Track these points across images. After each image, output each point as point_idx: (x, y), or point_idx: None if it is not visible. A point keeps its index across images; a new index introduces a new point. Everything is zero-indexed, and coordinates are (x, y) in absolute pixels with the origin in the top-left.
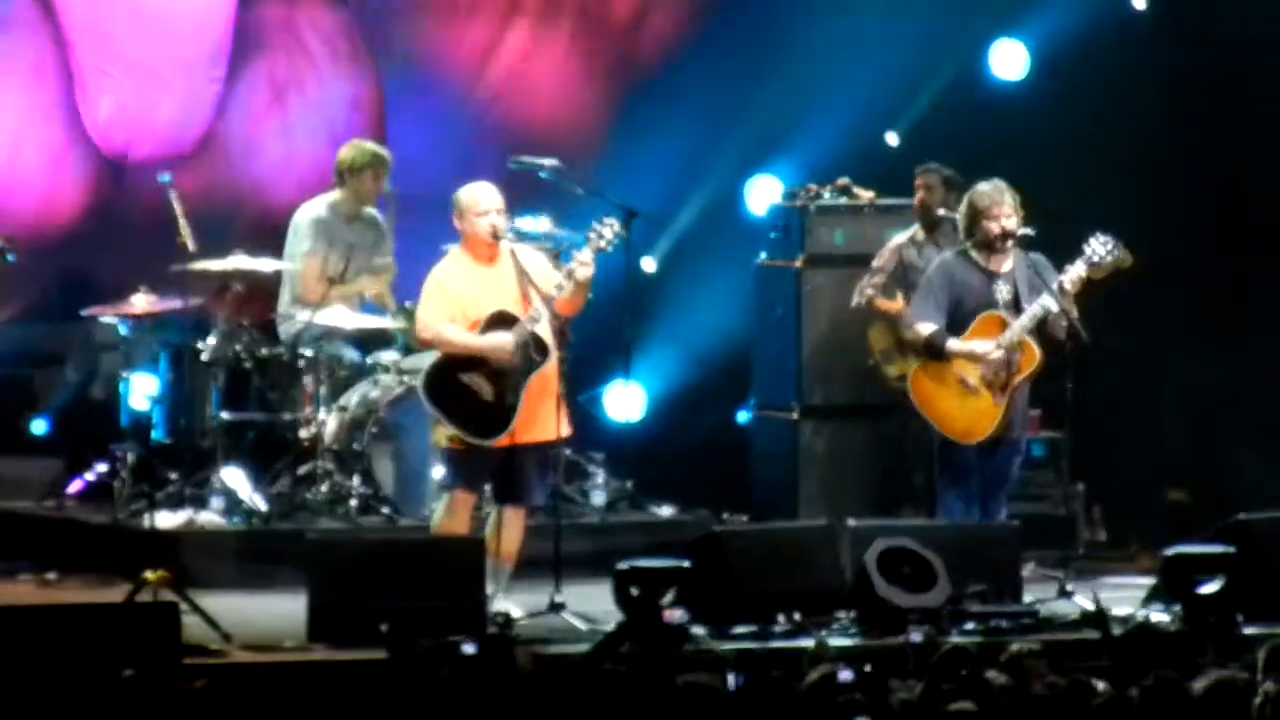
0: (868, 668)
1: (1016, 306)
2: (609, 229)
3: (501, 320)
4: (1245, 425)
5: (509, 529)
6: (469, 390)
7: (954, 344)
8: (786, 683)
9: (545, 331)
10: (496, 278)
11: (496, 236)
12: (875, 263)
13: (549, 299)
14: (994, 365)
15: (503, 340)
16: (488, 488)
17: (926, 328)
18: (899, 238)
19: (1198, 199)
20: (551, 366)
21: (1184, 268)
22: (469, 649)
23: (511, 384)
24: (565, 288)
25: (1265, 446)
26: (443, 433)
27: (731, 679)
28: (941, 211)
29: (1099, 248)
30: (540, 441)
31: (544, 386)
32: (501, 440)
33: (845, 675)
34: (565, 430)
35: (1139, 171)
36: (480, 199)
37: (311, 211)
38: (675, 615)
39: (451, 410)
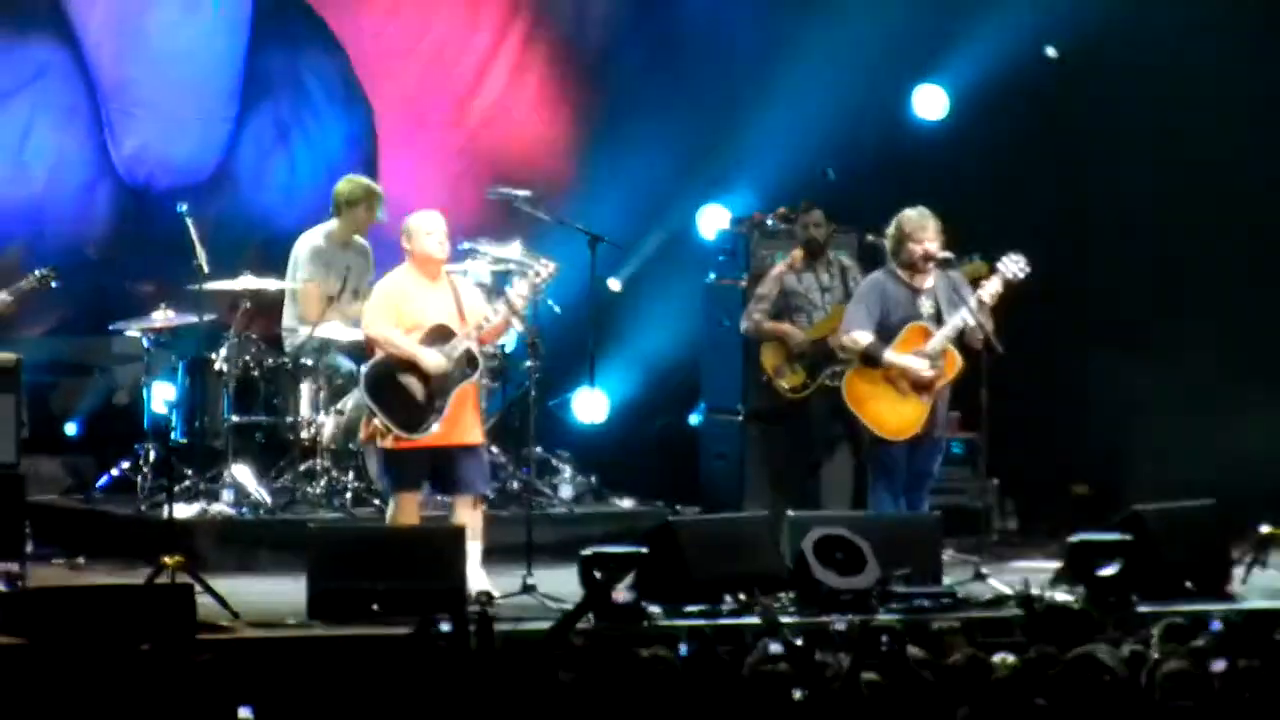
0: (799, 641)
1: (938, 319)
2: (545, 269)
3: (440, 333)
4: (1139, 427)
5: (460, 517)
6: (404, 390)
7: (890, 355)
8: (732, 657)
9: (474, 349)
10: (438, 294)
11: (442, 263)
12: (760, 290)
13: (479, 325)
14: (919, 373)
15: (438, 356)
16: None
17: (864, 337)
18: (779, 266)
19: (1095, 225)
20: (476, 381)
21: (1084, 286)
22: (445, 627)
23: (441, 390)
24: (497, 315)
25: (1156, 446)
26: (374, 427)
27: (684, 648)
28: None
29: (1011, 265)
30: (462, 444)
31: (467, 396)
32: (424, 440)
33: (775, 648)
34: (479, 437)
35: (1044, 198)
36: (429, 222)
37: (311, 240)
38: (623, 595)
39: (386, 405)
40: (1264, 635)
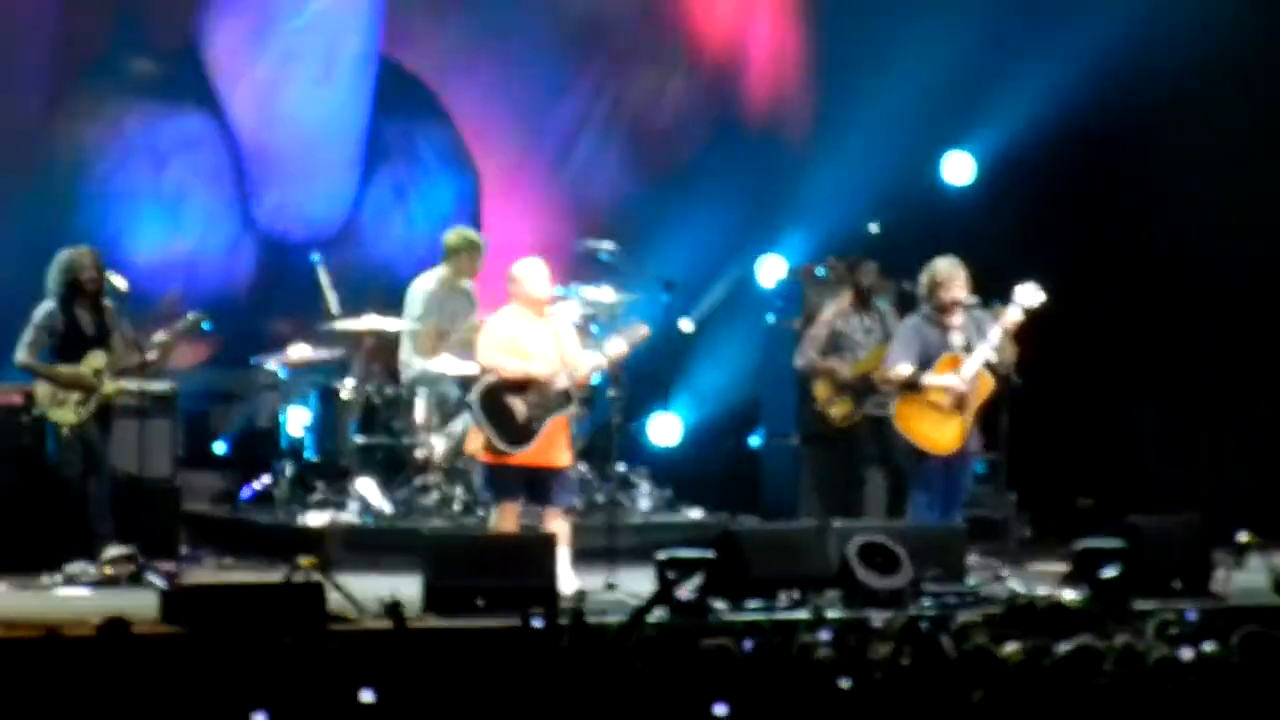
0: (850, 639)
1: (968, 351)
2: (638, 332)
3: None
4: (1137, 450)
5: (550, 526)
6: (509, 410)
7: (928, 379)
8: (786, 647)
9: (570, 388)
10: (542, 331)
11: (546, 306)
12: (812, 331)
13: (573, 369)
14: (958, 392)
15: (551, 372)
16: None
17: (906, 369)
18: (830, 310)
19: (1106, 272)
20: (569, 413)
21: (1088, 328)
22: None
23: (539, 414)
24: (588, 364)
25: (1151, 467)
26: (478, 440)
27: (747, 643)
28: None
29: (1025, 295)
30: (552, 466)
31: (560, 425)
32: (520, 458)
33: (824, 635)
34: (567, 460)
35: (1053, 250)
36: (533, 268)
37: (424, 284)
38: (685, 592)
39: (493, 421)
40: (1237, 626)
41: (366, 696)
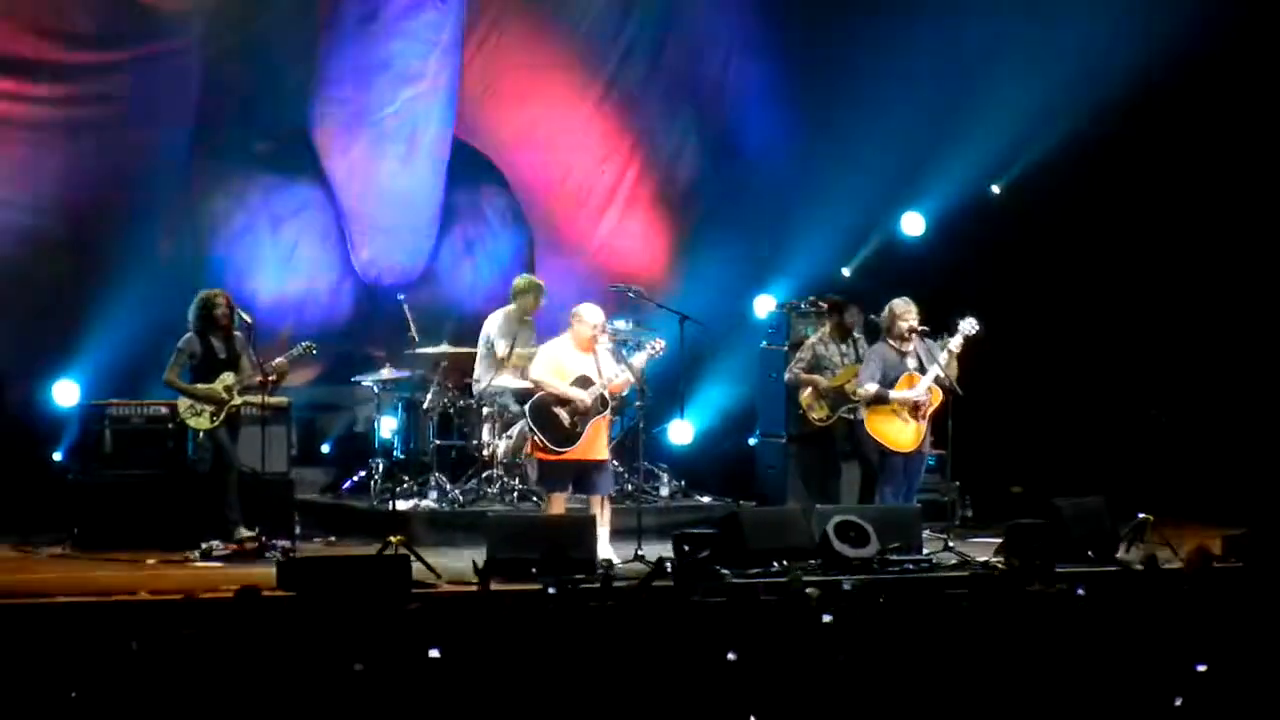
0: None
1: (922, 370)
2: (656, 345)
3: (584, 381)
4: (1056, 446)
5: (593, 510)
6: (556, 418)
7: (892, 394)
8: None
9: (606, 395)
10: (585, 359)
11: (595, 339)
12: (799, 354)
13: (609, 380)
14: (915, 402)
15: (582, 393)
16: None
17: (873, 386)
18: (814, 337)
19: (1029, 306)
20: (606, 416)
21: (1019, 348)
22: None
23: (581, 420)
24: (621, 375)
25: (1069, 461)
26: (533, 444)
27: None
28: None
29: (967, 325)
30: (594, 460)
31: (600, 426)
32: (568, 455)
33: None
34: (606, 455)
35: (989, 287)
36: (594, 315)
37: (495, 319)
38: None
39: (543, 428)
40: (1135, 584)
41: (433, 654)
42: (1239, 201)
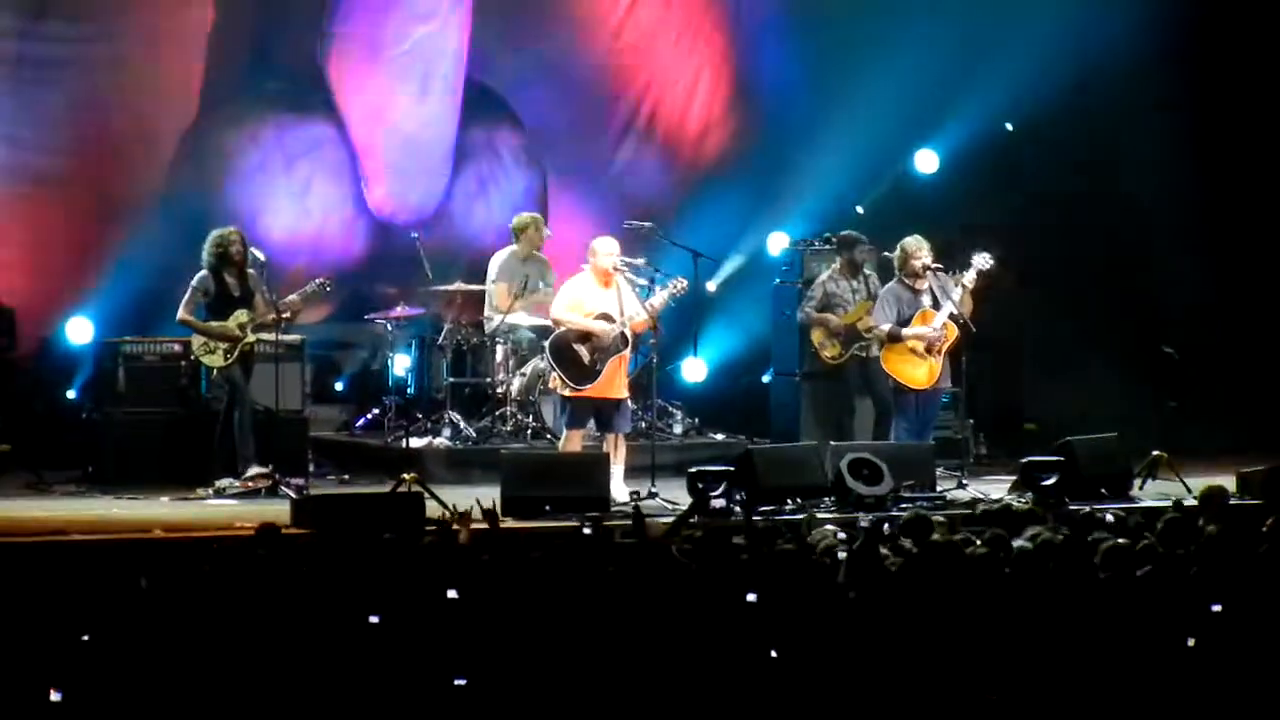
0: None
1: (936, 306)
2: (679, 284)
3: (605, 316)
4: (1073, 386)
5: (610, 447)
6: (576, 355)
7: (906, 331)
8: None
9: (626, 333)
10: (608, 294)
11: (615, 269)
12: (810, 291)
13: (630, 318)
14: (930, 339)
15: (606, 326)
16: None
17: (887, 325)
18: (824, 275)
19: (1036, 242)
20: (625, 354)
21: (1035, 283)
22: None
23: (601, 357)
24: (643, 313)
25: (1083, 399)
26: (555, 380)
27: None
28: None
29: (980, 261)
30: (613, 398)
31: (619, 364)
32: (586, 391)
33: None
34: (625, 393)
35: (1000, 225)
36: (608, 245)
37: (500, 257)
38: (717, 502)
39: (564, 365)
40: (1152, 523)
41: (451, 594)
42: (1265, 119)
